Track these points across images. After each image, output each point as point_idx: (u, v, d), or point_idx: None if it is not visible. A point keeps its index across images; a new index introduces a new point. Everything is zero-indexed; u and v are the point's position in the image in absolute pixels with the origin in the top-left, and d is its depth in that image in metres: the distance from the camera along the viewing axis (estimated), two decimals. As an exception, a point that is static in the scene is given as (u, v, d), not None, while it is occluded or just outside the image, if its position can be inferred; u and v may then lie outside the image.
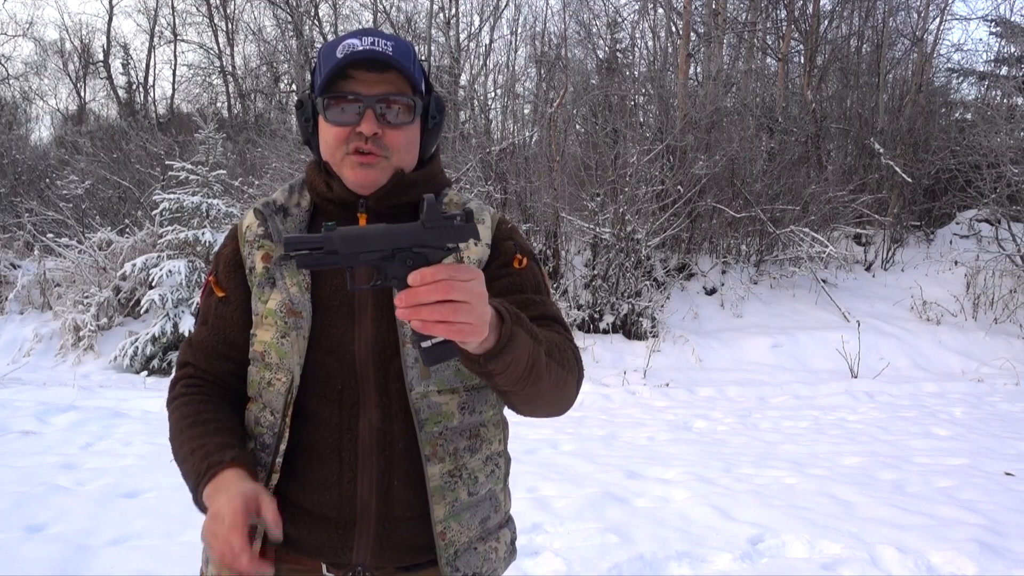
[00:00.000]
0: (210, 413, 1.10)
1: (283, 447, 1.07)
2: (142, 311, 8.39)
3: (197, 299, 8.02)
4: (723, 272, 9.87)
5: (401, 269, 0.84)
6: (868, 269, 10.39)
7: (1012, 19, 13.29)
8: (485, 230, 1.14)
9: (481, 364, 0.89)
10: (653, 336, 8.39)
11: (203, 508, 1.00)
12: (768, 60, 15.34)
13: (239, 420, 1.14)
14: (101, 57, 21.66)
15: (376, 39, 1.06)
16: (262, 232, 1.14)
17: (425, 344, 0.85)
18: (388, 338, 1.07)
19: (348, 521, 1.07)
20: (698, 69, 14.40)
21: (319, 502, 1.08)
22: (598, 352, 7.94)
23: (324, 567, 1.10)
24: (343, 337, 1.07)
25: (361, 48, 1.04)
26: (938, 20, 13.33)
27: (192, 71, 21.49)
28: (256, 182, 11.76)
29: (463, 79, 16.25)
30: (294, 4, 16.98)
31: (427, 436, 1.07)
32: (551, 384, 1.00)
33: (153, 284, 8.10)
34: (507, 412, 1.20)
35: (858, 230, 10.41)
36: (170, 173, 9.21)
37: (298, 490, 1.08)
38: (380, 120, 1.06)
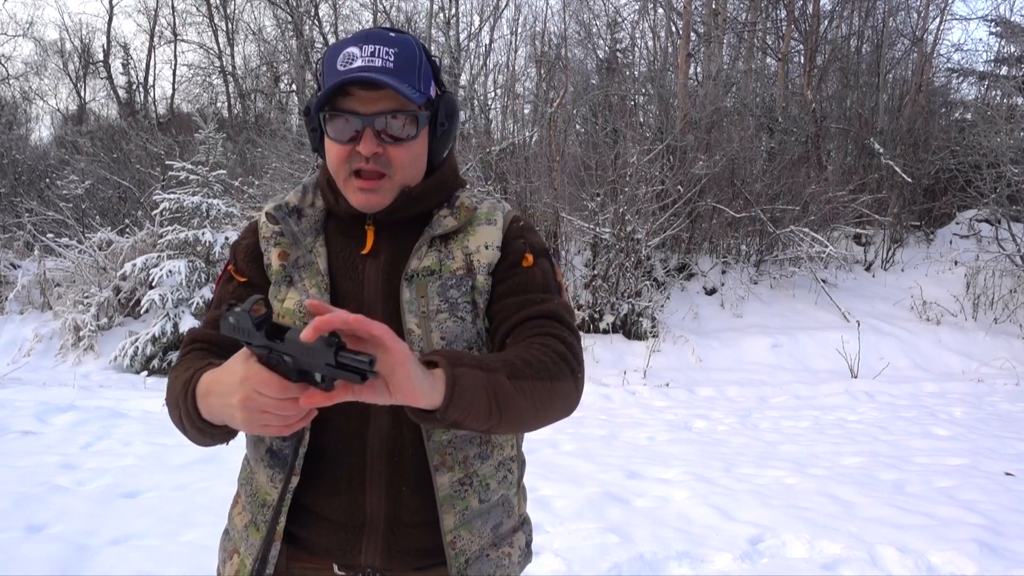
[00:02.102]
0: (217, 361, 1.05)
1: (303, 450, 1.06)
2: (142, 311, 8.39)
3: (198, 299, 8.03)
4: (723, 272, 9.87)
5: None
6: (868, 269, 10.39)
7: (1012, 19, 13.30)
8: (495, 231, 1.12)
9: (440, 418, 0.87)
10: (653, 336, 8.39)
11: (197, 414, 0.94)
12: (768, 60, 15.36)
13: None
14: (101, 57, 21.68)
15: (377, 48, 1.02)
16: (278, 230, 1.13)
17: None
18: None
19: (357, 525, 1.07)
20: (698, 69, 14.40)
21: (329, 506, 1.08)
22: (598, 352, 7.94)
23: (335, 567, 1.10)
24: None
25: (359, 63, 1.01)
26: (938, 20, 13.36)
27: (192, 71, 21.53)
28: (256, 182, 11.77)
29: (463, 79, 16.26)
30: (294, 4, 16.98)
31: (435, 445, 1.06)
32: (529, 404, 0.96)
33: (153, 284, 8.10)
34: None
35: (858, 230, 10.41)
36: (170, 173, 9.21)
37: (309, 494, 1.08)
38: (380, 138, 1.03)
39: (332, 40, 17.56)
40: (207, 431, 0.96)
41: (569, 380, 1.02)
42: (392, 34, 1.06)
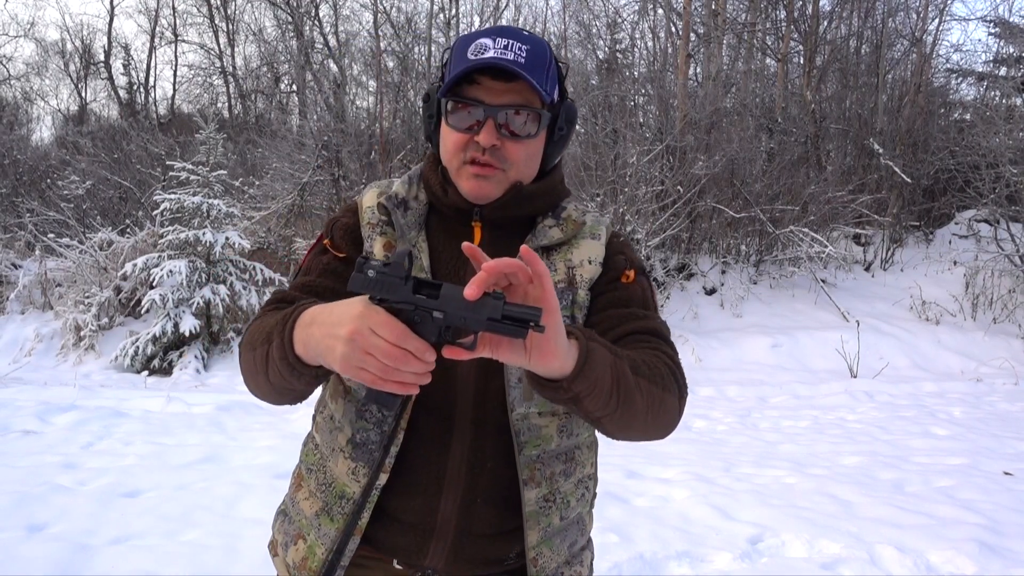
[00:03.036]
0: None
1: (395, 449, 1.04)
2: (143, 311, 8.40)
3: (198, 299, 8.03)
4: (723, 272, 9.88)
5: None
6: (867, 269, 10.40)
7: (1011, 20, 13.31)
8: (599, 246, 1.11)
9: (567, 387, 0.86)
10: (653, 336, 8.39)
11: (291, 346, 0.90)
12: (768, 60, 15.37)
13: None
14: (102, 58, 21.69)
15: (511, 42, 1.01)
16: (386, 219, 1.11)
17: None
18: None
19: (427, 529, 1.06)
20: (698, 69, 14.41)
21: (402, 507, 1.07)
22: (598, 352, 7.95)
23: (395, 562, 1.10)
24: None
25: (491, 53, 0.99)
26: (937, 21, 13.39)
27: (193, 71, 21.57)
28: (256, 182, 11.78)
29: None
30: (294, 5, 16.99)
31: (526, 459, 1.05)
32: (644, 403, 0.95)
33: (154, 284, 8.12)
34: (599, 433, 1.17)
35: (857, 230, 10.43)
36: (171, 173, 9.22)
37: (385, 492, 1.07)
38: (501, 131, 1.02)
39: (332, 41, 17.59)
40: (296, 368, 0.91)
41: (675, 396, 1.01)
42: (525, 32, 1.05)
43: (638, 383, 0.94)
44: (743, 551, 3.07)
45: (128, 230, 10.39)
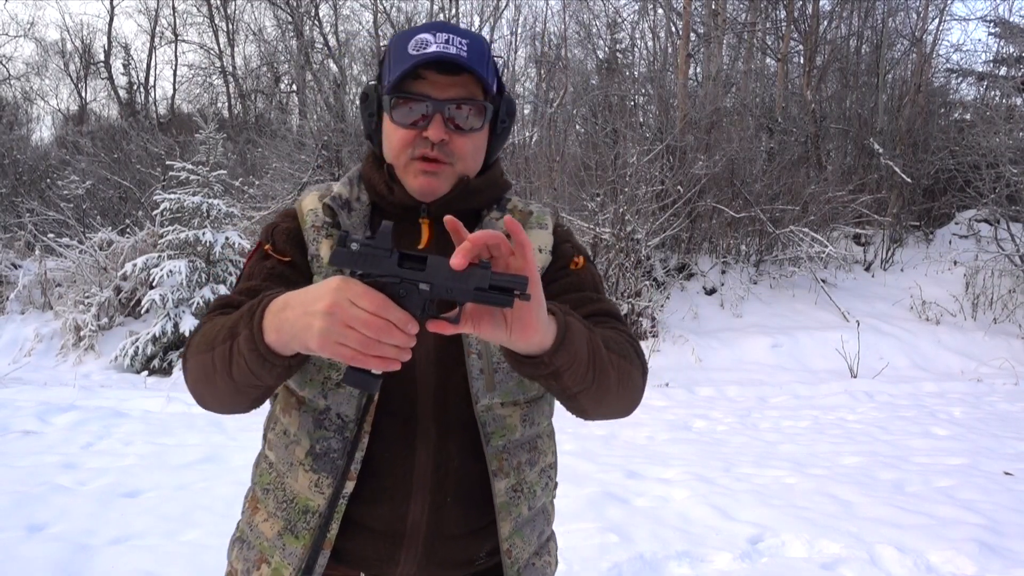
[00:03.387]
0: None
1: (360, 454, 1.01)
2: (143, 311, 8.40)
3: (198, 299, 8.03)
4: (723, 272, 9.88)
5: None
6: (867, 269, 10.40)
7: (1011, 20, 13.32)
8: (547, 235, 1.12)
9: (547, 362, 0.85)
10: (653, 336, 8.39)
11: (261, 337, 0.86)
12: (768, 60, 15.37)
13: None
14: (102, 57, 21.69)
15: (451, 37, 1.01)
16: (331, 221, 1.08)
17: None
18: (451, 348, 0.99)
19: (398, 536, 1.04)
20: (698, 69, 14.41)
21: (369, 515, 1.04)
22: (598, 352, 7.94)
23: (361, 575, 1.08)
24: None
25: (434, 48, 0.99)
26: (937, 20, 13.39)
27: (193, 71, 21.58)
28: (256, 182, 11.78)
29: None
30: (294, 4, 16.99)
31: (493, 450, 1.04)
32: (616, 377, 0.96)
33: (154, 284, 8.12)
34: (554, 420, 1.18)
35: (857, 230, 10.42)
36: (171, 173, 9.22)
37: (351, 500, 1.04)
38: (448, 125, 1.02)
39: (332, 41, 17.59)
40: (268, 359, 0.86)
41: (639, 372, 1.02)
42: (462, 27, 1.06)
43: (610, 357, 0.95)
44: (743, 551, 3.07)
45: (128, 230, 10.39)
